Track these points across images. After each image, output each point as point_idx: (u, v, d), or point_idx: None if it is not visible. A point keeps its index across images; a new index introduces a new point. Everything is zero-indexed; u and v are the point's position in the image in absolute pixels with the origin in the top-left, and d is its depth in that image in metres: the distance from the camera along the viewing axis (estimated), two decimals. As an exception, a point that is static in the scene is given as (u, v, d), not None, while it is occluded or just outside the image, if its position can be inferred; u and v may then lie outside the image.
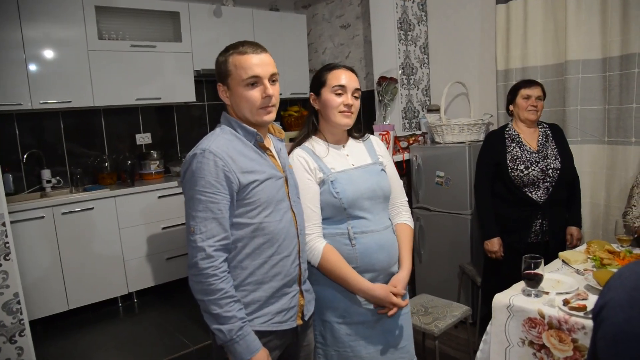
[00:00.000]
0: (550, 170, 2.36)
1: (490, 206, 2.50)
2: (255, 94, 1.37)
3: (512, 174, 2.39)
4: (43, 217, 3.24)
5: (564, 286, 1.72)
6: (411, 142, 3.41)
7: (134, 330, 3.26)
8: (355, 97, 1.63)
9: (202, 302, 1.30)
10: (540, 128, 2.49)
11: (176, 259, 3.83)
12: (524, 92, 2.43)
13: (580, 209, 2.50)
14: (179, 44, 3.98)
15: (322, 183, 1.61)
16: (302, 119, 4.74)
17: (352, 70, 1.66)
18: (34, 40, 3.32)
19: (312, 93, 1.70)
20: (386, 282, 1.64)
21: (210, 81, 4.51)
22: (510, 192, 2.42)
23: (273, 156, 1.47)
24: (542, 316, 1.56)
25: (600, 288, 1.65)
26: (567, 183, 2.42)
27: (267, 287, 1.40)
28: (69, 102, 3.50)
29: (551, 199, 2.38)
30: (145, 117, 4.20)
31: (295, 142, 1.69)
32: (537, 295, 1.67)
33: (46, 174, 3.57)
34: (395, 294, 1.57)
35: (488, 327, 1.75)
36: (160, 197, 3.74)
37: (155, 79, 3.88)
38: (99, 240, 3.47)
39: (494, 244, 2.47)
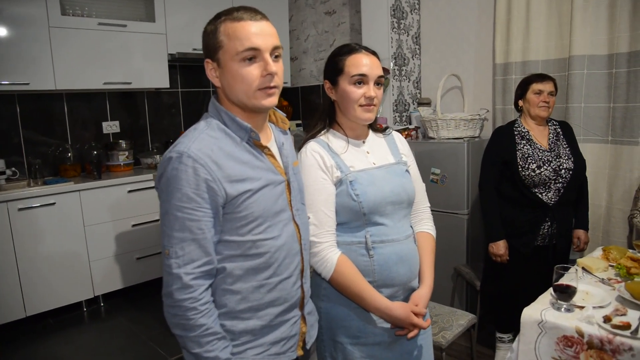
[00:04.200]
0: (563, 171, 2.24)
1: (497, 207, 2.36)
2: (253, 71, 1.08)
3: (523, 173, 2.25)
4: (-4, 213, 2.88)
5: (595, 299, 1.58)
6: (404, 136, 3.22)
7: (101, 338, 2.96)
8: (378, 85, 1.41)
9: (180, 338, 1.08)
10: (551, 125, 2.36)
11: (147, 258, 3.54)
12: (536, 86, 2.28)
13: (587, 212, 2.40)
14: (152, 25, 3.65)
15: (339, 183, 1.39)
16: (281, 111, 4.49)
17: (375, 54, 1.43)
18: (-15, 13, 2.93)
19: (327, 80, 1.46)
20: (406, 299, 1.45)
21: (185, 66, 4.19)
22: (519, 192, 2.29)
23: (272, 155, 1.19)
24: (581, 334, 1.41)
25: (635, 301, 1.53)
26: (578, 184, 2.31)
27: (263, 314, 1.17)
28: (27, 84, 3.12)
29: (561, 200, 2.26)
30: (113, 104, 3.85)
31: (309, 136, 1.47)
32: (568, 310, 1.53)
33: (0, 164, 3.19)
34: (416, 314, 1.38)
35: (514, 344, 1.60)
36: (130, 191, 3.43)
37: (124, 62, 3.54)
38: (61, 239, 3.14)
39: (500, 247, 2.33)
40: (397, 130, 3.21)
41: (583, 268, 1.87)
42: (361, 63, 1.38)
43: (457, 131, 2.97)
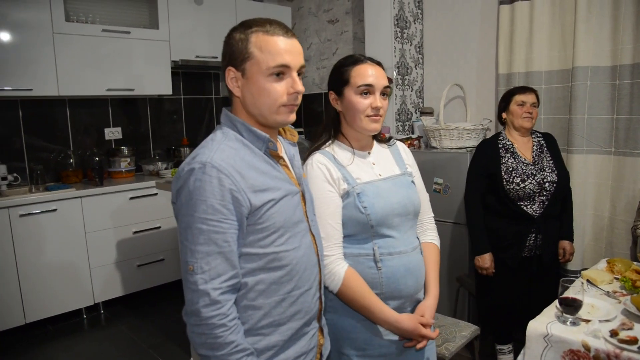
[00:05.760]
0: (547, 184, 2.25)
1: (482, 220, 2.36)
2: (280, 87, 1.09)
3: (507, 187, 2.25)
4: (-3, 219, 2.87)
5: (601, 312, 1.57)
6: (407, 146, 3.23)
7: (101, 346, 2.94)
8: (384, 96, 1.41)
9: (207, 359, 1.05)
10: (534, 137, 2.38)
11: (148, 266, 3.52)
12: (519, 98, 2.32)
13: (572, 222, 2.41)
14: (156, 32, 3.65)
15: (346, 195, 1.39)
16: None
17: (380, 64, 1.44)
18: (-10, 19, 2.93)
19: (331, 91, 1.46)
20: (413, 310, 1.46)
21: (187, 73, 4.20)
22: (504, 205, 2.29)
23: (286, 166, 1.20)
24: (588, 349, 1.40)
25: (641, 315, 1.52)
26: (562, 196, 2.32)
27: (285, 329, 1.15)
28: (30, 89, 3.12)
29: (546, 212, 2.27)
30: (116, 110, 3.85)
31: (314, 147, 1.46)
32: (574, 323, 1.52)
33: (1, 169, 3.16)
34: (423, 325, 1.39)
35: (519, 358, 1.58)
36: (131, 198, 3.42)
37: (127, 68, 3.54)
38: (62, 246, 3.12)
39: (485, 260, 2.33)
40: (400, 140, 3.22)
41: (587, 280, 1.86)
42: (367, 73, 1.39)
43: (460, 141, 2.97)
